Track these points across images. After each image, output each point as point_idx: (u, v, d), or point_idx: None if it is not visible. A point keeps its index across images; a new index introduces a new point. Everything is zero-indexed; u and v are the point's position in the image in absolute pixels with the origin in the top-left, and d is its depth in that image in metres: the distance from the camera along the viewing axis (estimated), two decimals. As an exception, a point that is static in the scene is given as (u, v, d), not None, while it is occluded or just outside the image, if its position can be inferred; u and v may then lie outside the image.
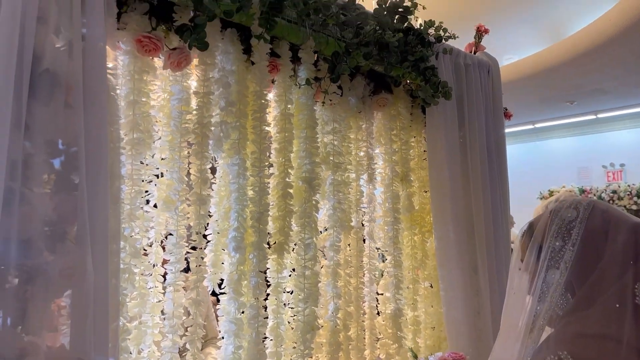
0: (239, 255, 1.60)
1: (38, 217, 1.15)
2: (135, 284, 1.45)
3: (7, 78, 1.06)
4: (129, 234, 1.41)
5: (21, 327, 1.13)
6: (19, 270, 1.14)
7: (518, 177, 5.01)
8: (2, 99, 1.05)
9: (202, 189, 1.56)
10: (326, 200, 1.90)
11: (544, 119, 8.34)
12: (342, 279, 1.92)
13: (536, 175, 8.38)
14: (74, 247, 1.18)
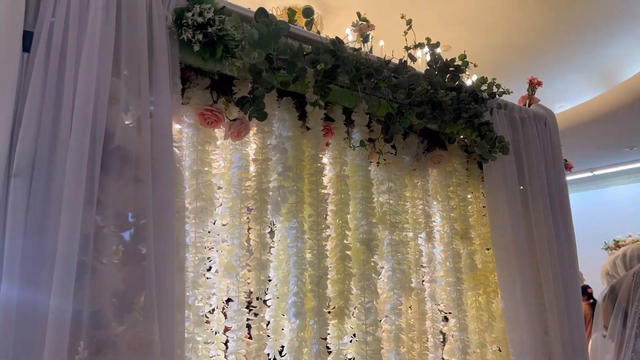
0: (300, 321, 1.58)
1: (107, 289, 1.18)
2: (199, 353, 1.44)
3: (82, 156, 1.13)
4: (192, 302, 1.42)
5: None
6: (89, 342, 1.16)
7: (579, 227, 4.79)
8: (76, 176, 1.10)
9: (261, 253, 1.57)
10: (385, 261, 1.87)
11: (603, 166, 8.04)
12: (404, 345, 1.85)
13: (598, 224, 7.98)
14: (141, 318, 1.19)
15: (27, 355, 1.05)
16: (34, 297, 1.07)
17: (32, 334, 1.06)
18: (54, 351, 1.04)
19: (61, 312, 1.06)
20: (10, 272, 1.04)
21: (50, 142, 1.11)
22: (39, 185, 1.09)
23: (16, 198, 1.05)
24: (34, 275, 1.08)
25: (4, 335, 1.01)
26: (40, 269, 1.07)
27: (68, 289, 1.07)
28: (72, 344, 1.12)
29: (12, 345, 1.02)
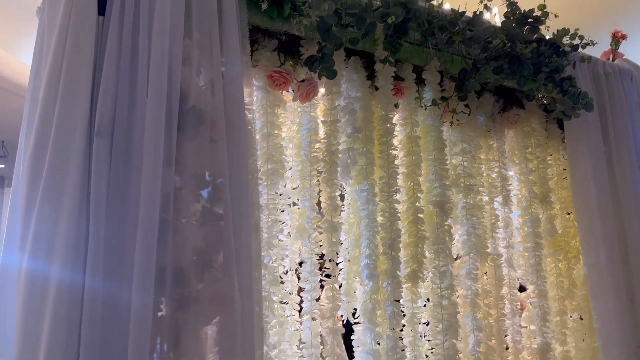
0: (372, 284, 1.56)
1: (188, 247, 1.21)
2: (275, 312, 1.46)
3: (159, 116, 1.14)
4: (268, 262, 1.44)
5: (175, 354, 1.18)
6: (172, 299, 1.19)
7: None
8: (155, 136, 1.12)
9: (332, 215, 1.56)
10: (459, 225, 1.81)
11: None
12: (481, 311, 1.79)
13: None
14: (220, 276, 1.22)
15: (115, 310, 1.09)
16: (119, 253, 1.11)
17: (119, 287, 1.10)
18: (140, 306, 1.08)
19: (145, 270, 1.10)
20: (97, 227, 1.08)
21: (129, 103, 1.14)
22: (120, 145, 1.12)
23: (99, 157, 1.08)
24: (117, 234, 1.12)
25: (94, 274, 1.05)
26: (123, 227, 1.11)
27: (151, 246, 1.10)
28: (155, 300, 1.15)
29: (101, 297, 1.06)
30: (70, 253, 1.05)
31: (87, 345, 1.03)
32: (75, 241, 1.06)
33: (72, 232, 1.06)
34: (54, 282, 1.03)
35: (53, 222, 1.06)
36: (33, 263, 1.05)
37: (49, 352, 1.02)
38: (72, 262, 1.04)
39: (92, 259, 1.06)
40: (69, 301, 1.06)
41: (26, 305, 1.06)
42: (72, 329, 1.03)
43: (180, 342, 1.18)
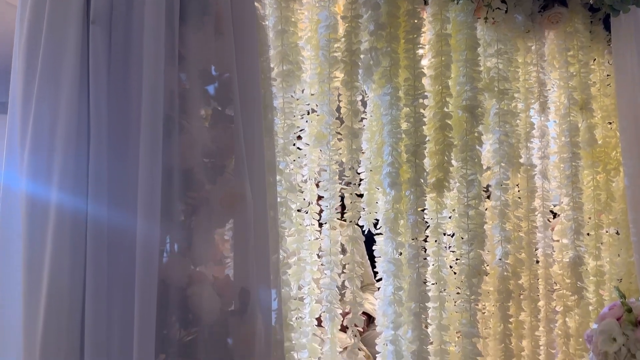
0: (395, 193, 1.49)
1: (198, 148, 1.15)
2: (293, 220, 1.42)
3: (159, 4, 1.05)
4: (284, 167, 1.38)
5: (188, 257, 1.15)
6: (183, 201, 1.15)
7: None
8: (156, 25, 1.03)
9: (353, 121, 1.47)
10: (490, 134, 1.69)
11: None
12: (511, 222, 1.71)
13: None
14: (233, 178, 1.16)
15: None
16: (123, 153, 1.06)
17: (124, 189, 1.06)
18: (148, 211, 1.04)
19: (151, 170, 1.05)
20: (99, 127, 1.03)
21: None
22: (118, 34, 1.03)
23: (96, 46, 1.01)
24: (120, 131, 1.06)
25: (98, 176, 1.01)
26: (127, 123, 1.05)
27: (156, 144, 1.04)
28: (167, 203, 1.11)
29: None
30: (72, 144, 1.00)
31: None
32: (77, 134, 1.01)
33: (73, 126, 1.01)
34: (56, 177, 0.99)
35: (52, 117, 1.01)
36: (33, 161, 1.01)
37: (52, 277, 1.00)
38: (74, 152, 1.00)
39: (95, 151, 1.01)
40: (72, 213, 1.03)
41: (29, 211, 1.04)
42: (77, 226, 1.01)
43: (193, 244, 1.15)
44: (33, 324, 1.03)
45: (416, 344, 1.43)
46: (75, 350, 1.02)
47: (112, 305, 1.05)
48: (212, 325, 1.12)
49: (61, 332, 1.02)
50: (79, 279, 1.03)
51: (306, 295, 1.49)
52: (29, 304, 1.04)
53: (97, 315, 1.02)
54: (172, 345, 1.09)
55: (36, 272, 1.03)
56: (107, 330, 1.04)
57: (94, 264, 1.03)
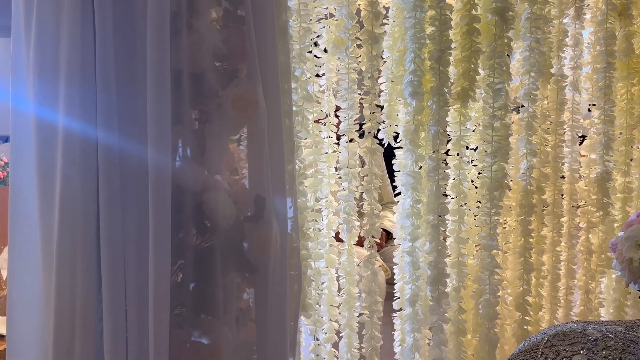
0: (416, 103, 1.43)
1: (208, 50, 1.09)
2: (309, 131, 1.38)
3: None
4: (300, 74, 1.32)
5: (202, 164, 1.13)
6: (195, 107, 1.12)
7: None
8: None
9: (373, 25, 1.38)
10: (521, 40, 1.58)
11: None
12: (537, 135, 1.64)
13: None
14: (245, 81, 1.11)
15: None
16: (130, 57, 1.02)
17: (134, 95, 1.02)
18: (158, 115, 1.01)
19: (160, 74, 1.00)
20: (104, 26, 0.98)
21: None
22: None
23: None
24: (126, 31, 1.01)
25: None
26: (133, 22, 1.00)
27: (164, 43, 0.99)
28: (177, 110, 1.07)
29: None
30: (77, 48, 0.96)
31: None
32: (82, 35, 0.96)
33: (77, 29, 0.97)
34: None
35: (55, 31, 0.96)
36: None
37: (64, 190, 0.99)
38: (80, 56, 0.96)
39: (101, 53, 0.97)
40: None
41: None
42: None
43: (206, 151, 1.12)
44: (49, 235, 1.03)
45: (433, 256, 1.42)
46: (92, 257, 1.03)
47: (127, 212, 1.04)
48: (228, 231, 1.11)
49: (76, 243, 1.02)
50: (91, 189, 1.02)
51: (323, 208, 1.48)
52: (43, 214, 1.04)
53: (112, 225, 1.02)
54: (189, 251, 1.10)
55: (49, 187, 1.03)
56: (123, 238, 1.04)
57: (105, 174, 1.01)
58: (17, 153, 1.13)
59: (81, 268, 1.02)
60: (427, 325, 1.47)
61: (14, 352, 1.15)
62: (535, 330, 1.59)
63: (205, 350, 1.08)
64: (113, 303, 1.01)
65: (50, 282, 1.04)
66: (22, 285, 1.14)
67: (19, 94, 1.11)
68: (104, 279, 1.01)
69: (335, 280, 1.50)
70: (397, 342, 1.51)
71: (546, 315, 1.72)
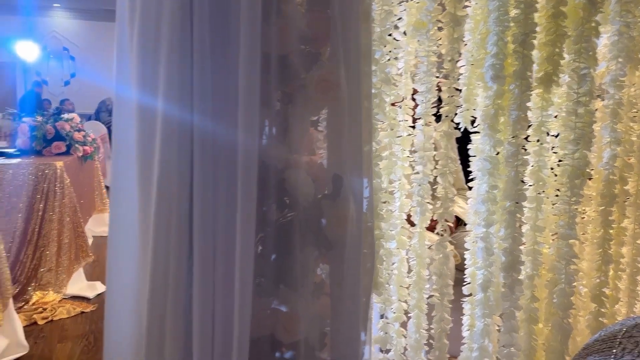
0: (497, 86, 1.41)
1: (294, 33, 1.14)
2: (386, 113, 1.40)
3: None
4: (379, 57, 1.34)
5: (284, 143, 1.18)
6: (280, 90, 1.16)
7: None
8: None
9: (456, 8, 1.37)
10: (609, 24, 1.52)
11: None
12: (623, 123, 1.57)
13: None
14: (328, 64, 1.15)
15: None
16: (225, 34, 1.07)
17: (226, 76, 1.08)
18: (248, 96, 1.06)
19: (251, 56, 1.06)
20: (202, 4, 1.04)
21: None
22: None
23: None
24: (220, 16, 1.07)
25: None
26: (227, 5, 1.06)
27: (256, 27, 1.04)
28: (265, 91, 1.13)
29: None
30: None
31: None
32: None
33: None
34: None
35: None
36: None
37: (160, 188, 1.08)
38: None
39: (198, 35, 1.03)
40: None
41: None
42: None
43: (289, 131, 1.17)
44: (146, 214, 1.12)
45: (508, 242, 1.41)
46: (185, 232, 1.11)
47: (217, 188, 1.11)
48: (306, 208, 1.16)
49: (171, 221, 1.10)
50: (186, 168, 1.10)
51: (396, 190, 1.50)
52: (143, 194, 1.13)
53: (204, 203, 1.09)
54: (270, 225, 1.16)
55: (147, 168, 1.11)
56: (213, 214, 1.11)
57: (200, 152, 1.08)
58: (121, 139, 1.22)
59: (174, 240, 1.10)
60: (498, 312, 1.47)
61: (111, 312, 1.26)
62: (611, 323, 1.54)
63: (284, 317, 1.15)
64: (203, 271, 1.08)
65: (146, 252, 1.13)
66: (120, 255, 1.24)
67: (122, 78, 1.19)
68: (195, 249, 1.09)
69: (405, 261, 1.52)
70: (466, 327, 1.52)
71: (623, 308, 1.67)
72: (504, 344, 1.44)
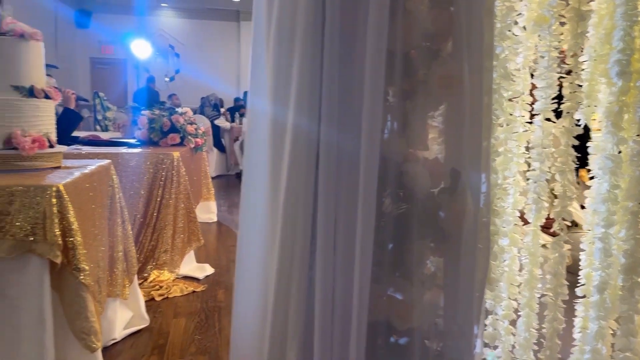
0: (623, 83, 1.35)
1: (418, 30, 1.17)
2: (504, 109, 1.40)
3: None
4: (500, 53, 1.34)
5: (404, 137, 1.23)
6: (402, 86, 1.20)
7: None
8: None
9: (581, 2, 1.34)
10: None
11: None
12: None
13: None
14: (450, 60, 1.18)
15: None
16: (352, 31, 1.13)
17: (351, 71, 1.14)
18: (373, 91, 1.11)
19: (377, 53, 1.11)
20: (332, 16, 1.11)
21: None
22: None
23: None
24: (349, 15, 1.13)
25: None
26: (355, 4, 1.11)
27: (383, 25, 1.09)
28: (389, 90, 1.18)
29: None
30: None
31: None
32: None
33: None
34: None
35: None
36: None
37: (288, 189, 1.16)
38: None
39: (329, 37, 1.10)
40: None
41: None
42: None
43: (407, 124, 1.21)
44: (274, 212, 1.22)
45: (630, 244, 1.36)
46: (308, 223, 1.19)
47: (339, 185, 1.18)
48: (423, 200, 1.20)
49: (297, 213, 1.18)
50: (311, 167, 1.18)
51: (510, 187, 1.49)
52: (272, 187, 1.23)
53: (327, 197, 1.16)
54: (385, 216, 1.21)
55: (277, 167, 1.20)
56: (335, 207, 1.18)
57: (325, 152, 1.15)
58: (253, 146, 1.33)
59: (300, 230, 1.18)
60: (614, 314, 1.41)
61: (238, 298, 1.37)
62: None
63: (399, 305, 1.20)
64: (324, 258, 1.16)
65: (274, 242, 1.22)
66: (248, 249, 1.35)
67: (256, 82, 1.29)
68: (318, 238, 1.16)
69: (516, 259, 1.51)
70: (578, 329, 1.48)
71: None
72: (620, 348, 1.38)
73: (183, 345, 2.21)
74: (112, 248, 2.05)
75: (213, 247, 3.88)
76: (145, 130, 3.49)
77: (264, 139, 1.25)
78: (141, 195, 2.96)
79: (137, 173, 2.95)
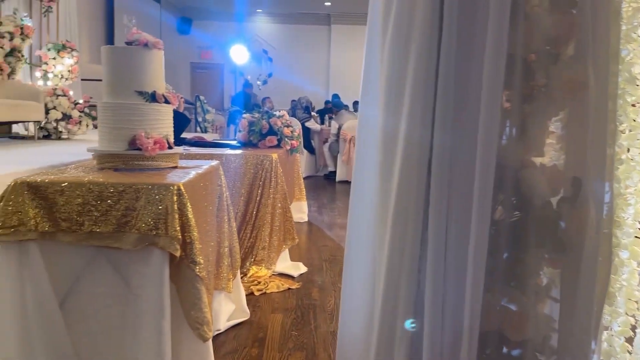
0: None
1: (538, 34, 1.14)
2: (628, 114, 1.32)
3: None
4: (625, 56, 1.26)
5: (521, 143, 1.20)
6: (521, 90, 1.17)
7: None
8: None
9: None
10: None
11: None
12: None
13: None
14: (573, 63, 1.13)
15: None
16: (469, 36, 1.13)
17: (468, 76, 1.14)
18: (491, 96, 1.10)
19: (496, 58, 1.09)
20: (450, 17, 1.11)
21: None
22: None
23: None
24: (468, 20, 1.12)
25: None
26: (474, 12, 1.11)
27: (503, 30, 1.08)
28: (509, 95, 1.16)
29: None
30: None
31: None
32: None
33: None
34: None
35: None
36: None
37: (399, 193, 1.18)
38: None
39: (446, 38, 1.10)
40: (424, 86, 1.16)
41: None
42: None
43: (526, 130, 1.18)
44: (383, 218, 1.23)
45: None
46: (419, 229, 1.20)
47: (452, 191, 1.17)
48: (541, 209, 1.16)
49: (408, 218, 1.19)
50: (423, 173, 1.18)
51: (632, 197, 1.40)
52: (383, 190, 1.25)
53: (439, 203, 1.16)
54: (502, 222, 1.18)
55: (388, 172, 1.22)
56: (447, 213, 1.17)
57: (438, 159, 1.15)
58: (363, 149, 1.36)
59: (410, 236, 1.19)
60: None
61: (345, 304, 1.40)
62: None
63: (513, 316, 1.17)
64: (435, 264, 1.16)
65: (383, 247, 1.23)
66: (357, 254, 1.38)
67: (368, 95, 1.33)
68: (430, 244, 1.16)
69: (635, 273, 1.42)
70: None
71: None
72: None
73: (281, 340, 2.29)
74: (220, 244, 2.17)
75: (305, 246, 3.97)
76: (245, 133, 3.65)
77: (375, 143, 1.28)
78: (242, 195, 3.10)
79: (239, 173, 3.09)
